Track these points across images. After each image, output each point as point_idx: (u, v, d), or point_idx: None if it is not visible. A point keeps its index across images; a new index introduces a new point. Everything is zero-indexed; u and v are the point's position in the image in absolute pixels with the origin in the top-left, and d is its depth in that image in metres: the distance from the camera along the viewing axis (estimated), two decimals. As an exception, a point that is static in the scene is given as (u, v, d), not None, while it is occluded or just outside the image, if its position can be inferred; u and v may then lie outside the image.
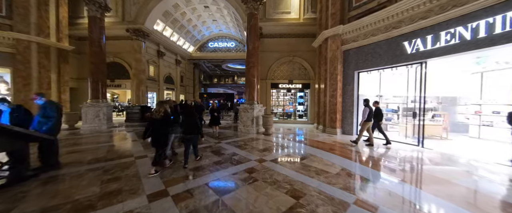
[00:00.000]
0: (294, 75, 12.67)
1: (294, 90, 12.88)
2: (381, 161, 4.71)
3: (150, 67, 14.07)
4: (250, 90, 8.77)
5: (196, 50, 20.18)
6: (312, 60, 12.15)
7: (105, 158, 4.63)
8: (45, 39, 10.37)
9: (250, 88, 8.78)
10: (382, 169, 4.12)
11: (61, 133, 8.02)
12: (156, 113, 3.60)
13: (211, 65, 29.79)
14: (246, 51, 8.96)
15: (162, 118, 3.60)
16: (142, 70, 12.53)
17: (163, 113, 3.62)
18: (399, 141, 6.87)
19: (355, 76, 8.11)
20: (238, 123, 9.17)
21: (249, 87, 8.80)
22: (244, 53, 19.81)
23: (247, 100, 8.84)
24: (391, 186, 3.30)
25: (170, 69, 16.85)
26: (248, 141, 6.73)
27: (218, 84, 37.79)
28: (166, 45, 15.53)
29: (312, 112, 12.37)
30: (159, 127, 3.61)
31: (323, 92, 9.20)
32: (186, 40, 17.99)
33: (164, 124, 3.65)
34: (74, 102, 12.12)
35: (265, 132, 8.37)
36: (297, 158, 4.76)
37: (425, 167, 4.32)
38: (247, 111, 8.56)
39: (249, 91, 8.78)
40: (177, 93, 18.02)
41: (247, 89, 8.86)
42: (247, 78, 8.87)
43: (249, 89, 8.79)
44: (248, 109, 8.52)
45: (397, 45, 6.55)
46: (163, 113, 3.62)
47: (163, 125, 3.64)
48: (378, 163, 4.55)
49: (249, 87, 8.80)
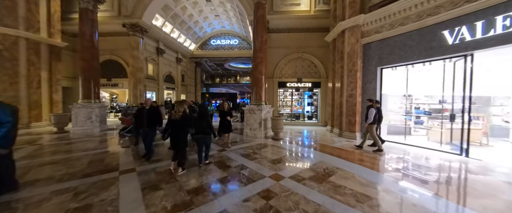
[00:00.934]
0: (303, 73, 11.68)
1: (303, 89, 11.90)
2: (432, 178, 3.72)
3: (149, 65, 13.23)
4: (257, 89, 7.83)
5: (198, 48, 19.31)
6: (323, 56, 11.16)
7: (83, 172, 3.74)
8: (35, 34, 9.58)
9: (257, 87, 7.83)
10: (438, 191, 3.14)
11: (45, 138, 7.20)
12: (175, 114, 3.60)
13: (213, 64, 28.98)
14: (253, 46, 8.01)
15: (181, 118, 3.58)
16: (140, 68, 11.68)
17: (182, 113, 3.60)
18: (432, 148, 5.85)
19: (378, 72, 7.11)
20: (243, 126, 8.23)
21: (255, 86, 7.86)
22: (248, 50, 18.92)
23: (254, 100, 7.90)
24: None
25: (170, 67, 16.01)
26: (257, 148, 5.79)
27: (220, 84, 37.01)
28: (166, 42, 14.68)
29: (322, 113, 11.38)
30: (179, 127, 3.61)
31: (338, 92, 8.21)
32: (187, 37, 17.12)
33: (184, 125, 3.63)
34: (68, 102, 11.32)
35: (274, 137, 7.42)
36: (322, 173, 3.80)
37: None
38: (254, 113, 7.62)
39: (256, 90, 7.84)
40: (178, 93, 17.18)
41: (254, 88, 7.92)
42: (253, 76, 7.93)
43: (256, 88, 7.85)
44: (255, 110, 7.58)
45: (433, 35, 5.54)
46: (182, 113, 3.60)
47: (183, 126, 3.63)
48: (430, 182, 3.57)
49: (255, 86, 7.86)
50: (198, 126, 4.01)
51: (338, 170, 3.96)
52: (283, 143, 6.64)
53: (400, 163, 4.61)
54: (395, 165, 4.48)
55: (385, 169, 4.23)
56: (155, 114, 4.77)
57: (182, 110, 3.63)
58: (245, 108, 7.94)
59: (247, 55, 18.75)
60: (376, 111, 5.59)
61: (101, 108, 8.84)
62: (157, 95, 14.14)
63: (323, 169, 4.04)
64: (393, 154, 5.44)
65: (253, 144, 6.38)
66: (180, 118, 3.58)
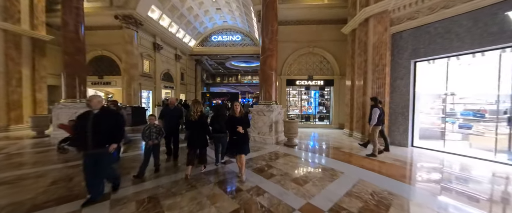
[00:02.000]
0: (314, 69, 10.57)
1: (313, 87, 10.79)
2: None
3: (145, 62, 12.14)
4: (266, 87, 6.73)
5: (198, 45, 18.21)
6: (337, 51, 10.05)
7: (35, 202, 2.65)
8: (15, 25, 8.52)
9: (266, 85, 6.73)
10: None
11: (19, 143, 6.13)
12: (193, 114, 3.61)
13: (214, 63, 27.94)
14: (261, 37, 6.91)
15: (199, 118, 3.63)
16: (134, 65, 10.59)
17: (200, 112, 3.65)
18: (482, 157, 4.72)
19: (411, 67, 5.99)
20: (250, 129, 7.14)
21: (265, 83, 6.75)
22: (251, 47, 17.82)
23: (263, 99, 6.80)
24: None
25: (168, 65, 14.93)
26: (270, 159, 4.69)
27: (221, 83, 36.06)
28: (164, 37, 13.59)
29: (336, 114, 10.26)
30: (198, 127, 3.64)
31: (360, 90, 7.09)
32: (187, 33, 16.03)
33: (202, 124, 3.66)
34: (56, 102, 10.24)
35: (287, 143, 6.32)
36: (374, 203, 2.69)
37: None
38: (263, 115, 6.52)
39: (265, 88, 6.74)
40: (176, 92, 16.10)
41: (263, 85, 6.82)
42: (262, 72, 6.82)
43: (265, 86, 6.74)
44: (265, 111, 6.48)
45: (493, 18, 4.42)
46: (200, 112, 3.65)
47: (202, 125, 3.66)
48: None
49: (265, 83, 6.75)
50: (216, 126, 4.07)
51: (392, 197, 2.85)
52: (299, 151, 5.54)
53: (467, 182, 3.50)
54: (467, 186, 3.36)
55: (468, 194, 3.12)
56: (109, 123, 2.70)
57: (200, 110, 3.65)
58: (253, 108, 6.84)
59: (250, 52, 17.68)
60: (380, 112, 5.07)
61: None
62: (153, 94, 13.06)
63: (369, 194, 2.93)
64: (434, 164, 4.32)
65: (264, 153, 5.27)
66: (198, 118, 3.62)
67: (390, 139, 6.33)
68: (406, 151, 5.68)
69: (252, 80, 35.36)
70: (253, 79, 35.11)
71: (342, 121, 9.94)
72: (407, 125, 6.04)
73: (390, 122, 6.36)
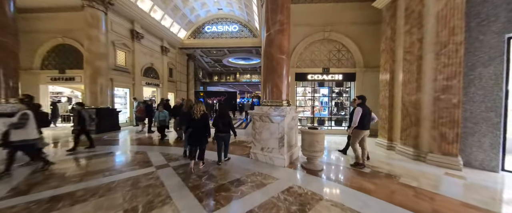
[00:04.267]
0: (330, 60, 8.35)
1: (329, 83, 8.58)
2: None
3: (119, 53, 9.83)
4: (274, 80, 4.46)
5: (190, 36, 15.91)
6: (361, 37, 7.89)
7: None
8: None
9: (274, 76, 4.46)
10: None
11: None
12: (196, 113, 3.79)
13: (210, 60, 25.66)
14: (267, 4, 4.62)
15: (202, 117, 3.80)
16: (102, 55, 8.28)
17: (202, 111, 3.82)
18: None
19: (504, 46, 3.79)
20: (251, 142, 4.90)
21: (272, 74, 4.48)
22: (250, 39, 15.53)
23: (269, 98, 4.53)
24: None
25: (152, 58, 12.61)
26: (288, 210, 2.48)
27: (218, 82, 33.88)
28: (145, 24, 11.29)
29: (359, 117, 8.03)
30: (200, 125, 3.81)
31: (410, 84, 4.87)
32: (175, 21, 13.72)
33: (204, 122, 3.82)
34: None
35: (308, 165, 4.06)
36: None
37: None
38: (270, 121, 4.27)
39: (273, 81, 4.47)
40: (163, 90, 13.79)
41: (269, 78, 4.54)
42: (268, 57, 4.55)
43: (273, 78, 4.47)
44: (272, 116, 4.23)
45: None
46: (202, 111, 3.82)
47: (203, 123, 3.82)
48: None
49: (272, 74, 4.48)
50: (220, 125, 4.12)
51: None
52: (329, 183, 3.32)
53: None
54: None
55: None
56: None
57: (202, 109, 3.85)
58: (254, 111, 4.58)
59: (248, 45, 15.41)
60: (364, 112, 4.15)
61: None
62: (132, 92, 10.75)
63: None
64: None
65: (275, 192, 3.02)
66: (200, 117, 3.79)
67: (466, 159, 4.12)
68: (496, 179, 3.49)
69: (251, 79, 33.38)
70: (252, 78, 33.14)
71: (379, 127, 7.76)
72: (497, 138, 3.83)
73: (465, 132, 4.14)
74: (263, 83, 4.71)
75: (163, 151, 5.25)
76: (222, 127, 4.12)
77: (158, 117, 6.83)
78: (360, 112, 4.12)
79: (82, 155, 4.89)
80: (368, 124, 4.21)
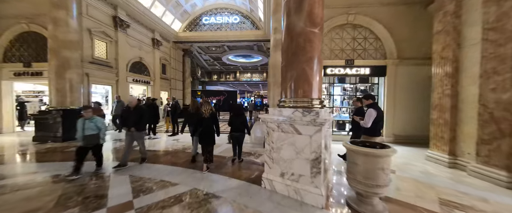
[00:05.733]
0: (355, 50, 6.79)
1: (352, 78, 7.02)
2: None
3: (97, 43, 8.20)
4: (301, 67, 2.83)
5: (185, 28, 14.31)
6: (394, 21, 6.37)
7: None
8: None
9: (301, 60, 2.83)
10: None
11: None
12: (205, 112, 3.88)
13: (209, 57, 24.10)
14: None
15: (211, 116, 3.89)
16: (71, 43, 6.67)
17: (211, 110, 3.92)
18: None
19: None
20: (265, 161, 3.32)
21: (298, 58, 2.85)
22: (252, 31, 13.93)
23: (294, 96, 2.92)
24: None
25: (141, 51, 11.00)
26: None
27: (218, 82, 32.40)
28: (131, 11, 9.69)
29: (390, 120, 6.51)
30: (210, 124, 3.89)
31: (493, 76, 3.29)
32: (168, 10, 12.12)
33: (213, 122, 3.94)
34: None
35: (358, 206, 2.46)
36: None
37: None
38: (295, 132, 2.68)
39: (299, 68, 2.84)
40: (155, 88, 12.19)
41: (292, 63, 2.93)
42: (290, 31, 2.92)
43: (299, 63, 2.84)
44: (298, 124, 2.64)
45: None
46: (211, 110, 3.92)
47: (213, 123, 3.93)
48: None
49: (298, 58, 2.85)
50: (235, 125, 4.23)
51: None
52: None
53: None
54: None
55: None
56: None
57: (210, 108, 3.94)
58: (267, 117, 2.99)
59: (251, 38, 13.81)
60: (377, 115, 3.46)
61: None
62: (115, 90, 9.14)
63: None
64: None
65: None
66: (210, 116, 3.88)
67: None
68: None
69: (252, 78, 31.96)
70: (253, 77, 31.73)
71: (400, 131, 6.24)
72: None
73: None
74: (283, 72, 3.11)
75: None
76: (238, 125, 4.21)
77: (82, 129, 3.46)
78: (373, 114, 3.45)
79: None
80: (380, 129, 3.66)
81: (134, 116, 3.94)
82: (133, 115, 3.95)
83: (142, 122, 4.07)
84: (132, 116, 3.94)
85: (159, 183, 3.16)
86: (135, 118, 3.92)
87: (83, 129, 3.46)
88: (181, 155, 4.84)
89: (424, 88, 6.29)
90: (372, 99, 3.77)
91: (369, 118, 3.46)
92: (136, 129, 3.92)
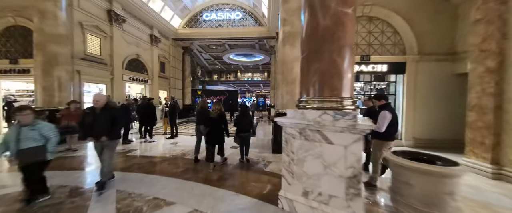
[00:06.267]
0: (371, 45, 6.21)
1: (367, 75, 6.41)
2: None
3: (90, 38, 7.61)
4: (330, 56, 2.22)
5: (185, 25, 13.72)
6: (413, 11, 5.84)
7: None
8: None
9: (330, 47, 2.22)
10: None
11: None
12: (214, 112, 3.97)
13: (210, 57, 23.53)
14: None
15: (218, 116, 3.96)
16: (60, 37, 6.08)
17: (219, 110, 3.98)
18: None
19: None
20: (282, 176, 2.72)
21: (326, 45, 2.24)
22: (255, 28, 13.35)
23: (319, 94, 2.32)
24: None
25: (139, 48, 10.42)
26: None
27: (218, 81, 31.91)
28: (128, 5, 9.10)
29: (410, 122, 5.93)
30: (218, 124, 3.98)
31: None
32: (167, 5, 11.53)
33: (221, 121, 4.01)
34: None
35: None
36: None
37: None
38: (323, 140, 2.08)
39: (327, 58, 2.24)
40: (153, 87, 11.60)
41: (317, 52, 2.32)
42: (314, 10, 2.33)
43: (327, 51, 2.24)
44: (331, 130, 2.04)
45: None
46: (219, 110, 3.98)
47: (221, 122, 4.01)
48: None
49: (326, 45, 2.24)
50: (242, 125, 4.23)
51: None
52: None
53: None
54: None
55: None
56: None
57: (219, 108, 4.00)
58: (285, 121, 2.39)
59: (254, 35, 13.22)
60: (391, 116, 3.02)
61: None
62: (110, 89, 8.56)
63: None
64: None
65: None
66: (217, 116, 3.94)
67: None
68: None
69: (253, 78, 31.44)
70: (254, 77, 31.20)
71: (421, 134, 5.66)
72: None
73: None
74: (303, 65, 2.50)
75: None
76: (244, 126, 4.22)
77: (15, 140, 2.37)
78: (388, 117, 3.02)
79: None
80: (394, 133, 3.25)
81: (103, 120, 2.92)
82: (102, 118, 2.92)
83: (116, 127, 3.06)
84: (100, 121, 2.90)
85: (152, 202, 2.57)
86: (105, 123, 2.91)
87: (17, 140, 2.35)
88: (180, 162, 4.25)
89: (447, 86, 5.74)
90: (385, 99, 3.36)
91: (383, 121, 3.00)
92: (109, 138, 2.92)
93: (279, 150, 4.97)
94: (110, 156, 3.03)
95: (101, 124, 2.89)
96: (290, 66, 5.07)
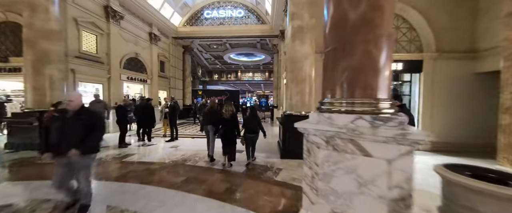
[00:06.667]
0: (385, 42, 5.77)
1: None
2: None
3: (85, 35, 7.21)
4: (367, 49, 1.81)
5: (186, 23, 13.32)
6: (431, 5, 5.40)
7: None
8: None
9: (366, 37, 1.81)
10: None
11: None
12: (226, 113, 4.03)
13: (210, 56, 23.16)
14: None
15: (231, 117, 4.04)
16: (52, 33, 5.69)
17: (231, 112, 4.06)
18: None
19: None
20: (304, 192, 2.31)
21: (359, 36, 1.85)
22: (257, 26, 12.97)
23: (349, 95, 1.92)
24: None
25: (137, 47, 10.02)
26: None
27: (219, 81, 31.58)
28: (126, 1, 8.71)
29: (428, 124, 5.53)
30: (230, 125, 4.06)
31: None
32: (167, 2, 11.14)
33: (234, 122, 4.08)
34: None
35: None
36: None
37: None
38: (358, 152, 1.67)
39: (361, 52, 1.83)
40: (153, 87, 11.20)
41: (345, 45, 1.93)
42: None
43: (363, 43, 1.85)
44: (367, 140, 1.64)
45: None
46: (231, 112, 4.06)
47: (233, 123, 4.09)
48: None
49: (359, 36, 1.85)
50: (250, 126, 4.26)
51: None
52: None
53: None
54: None
55: None
56: None
57: (231, 109, 4.07)
58: (309, 127, 1.99)
59: (256, 33, 12.82)
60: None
61: None
62: (107, 89, 8.16)
63: None
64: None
65: None
66: (230, 117, 4.03)
67: None
68: None
69: (254, 77, 31.10)
70: (255, 77, 30.87)
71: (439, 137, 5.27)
72: None
73: None
74: (328, 60, 2.10)
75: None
76: (252, 127, 4.23)
77: None
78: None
79: None
80: None
81: (74, 127, 2.17)
82: (73, 125, 2.17)
83: (91, 137, 2.24)
84: (70, 128, 2.16)
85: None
86: (76, 132, 2.16)
87: None
88: (181, 170, 3.86)
89: (468, 86, 5.34)
90: (399, 100, 3.13)
91: None
92: (81, 152, 2.14)
93: (288, 155, 4.60)
94: (86, 176, 2.31)
95: (70, 133, 2.13)
96: (300, 64, 4.68)
